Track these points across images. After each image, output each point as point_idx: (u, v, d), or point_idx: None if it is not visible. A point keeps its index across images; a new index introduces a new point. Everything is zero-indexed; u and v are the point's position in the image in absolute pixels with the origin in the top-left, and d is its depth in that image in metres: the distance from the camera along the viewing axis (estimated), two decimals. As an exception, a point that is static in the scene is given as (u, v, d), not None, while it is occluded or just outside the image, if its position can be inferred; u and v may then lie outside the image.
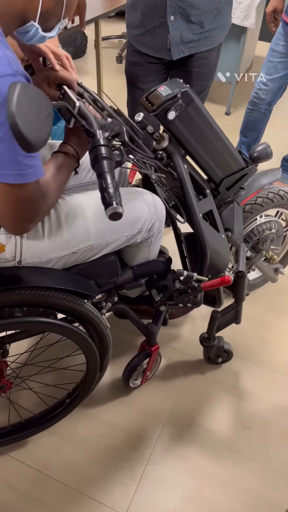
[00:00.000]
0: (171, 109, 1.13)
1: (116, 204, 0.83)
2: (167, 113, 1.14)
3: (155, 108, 1.13)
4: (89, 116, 0.98)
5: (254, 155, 1.38)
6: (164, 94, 1.12)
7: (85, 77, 3.54)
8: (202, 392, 1.63)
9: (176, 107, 1.14)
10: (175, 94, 1.11)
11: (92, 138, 0.93)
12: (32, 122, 0.75)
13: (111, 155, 0.92)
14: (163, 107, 1.12)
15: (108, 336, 1.29)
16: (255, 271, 1.96)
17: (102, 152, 0.91)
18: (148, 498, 1.35)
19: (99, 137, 0.93)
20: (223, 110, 3.34)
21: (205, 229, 1.24)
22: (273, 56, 2.10)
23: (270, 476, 1.43)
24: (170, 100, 1.11)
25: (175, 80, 1.19)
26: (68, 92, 1.03)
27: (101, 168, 0.89)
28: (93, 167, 0.91)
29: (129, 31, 1.79)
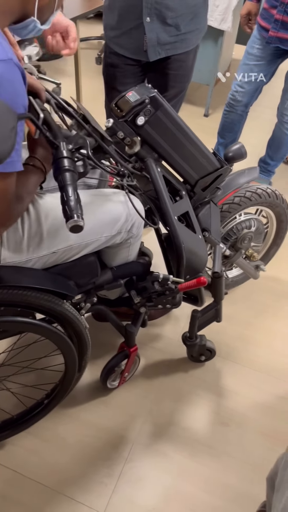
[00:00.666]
0: (140, 114, 1.15)
1: (76, 217, 0.84)
2: (136, 119, 1.15)
3: (124, 114, 1.14)
4: (53, 128, 0.99)
5: (229, 155, 1.41)
6: (132, 99, 1.13)
7: (64, 78, 3.53)
8: (182, 390, 1.65)
9: (145, 112, 1.15)
10: (143, 99, 1.13)
11: (56, 149, 0.94)
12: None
13: (74, 167, 0.93)
14: (132, 113, 1.14)
15: (87, 337, 1.30)
16: (236, 268, 1.99)
17: (64, 165, 0.92)
18: (126, 496, 1.36)
19: (62, 149, 0.94)
20: (201, 112, 3.38)
21: (180, 231, 1.26)
22: (248, 59, 2.14)
23: (248, 472, 1.45)
24: (138, 105, 1.13)
25: (144, 85, 1.20)
26: (33, 103, 1.04)
27: (63, 181, 0.90)
28: (55, 178, 0.92)
29: (106, 33, 1.80)
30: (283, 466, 0.74)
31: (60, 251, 1.13)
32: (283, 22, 1.92)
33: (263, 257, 1.98)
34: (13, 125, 0.81)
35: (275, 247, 1.95)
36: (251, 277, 1.86)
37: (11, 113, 0.81)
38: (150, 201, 1.30)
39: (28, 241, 1.07)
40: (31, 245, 1.07)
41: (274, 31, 1.96)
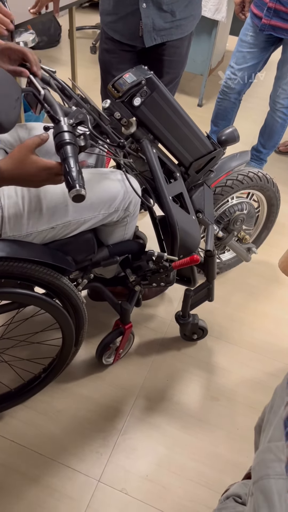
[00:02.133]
0: (136, 95, 1.19)
1: (79, 186, 0.88)
2: (133, 99, 1.19)
3: (121, 94, 1.18)
4: (54, 103, 1.03)
5: (222, 139, 1.45)
6: (129, 81, 1.17)
7: (60, 67, 3.55)
8: (174, 367, 1.71)
9: (141, 94, 1.19)
10: (140, 80, 1.17)
11: (57, 124, 0.98)
12: (2, 105, 0.79)
13: (75, 141, 0.98)
14: (129, 94, 1.18)
15: (84, 311, 1.34)
16: (229, 252, 2.05)
17: (65, 138, 0.96)
18: (121, 465, 1.42)
19: (63, 124, 0.98)
20: (195, 102, 3.41)
21: (174, 211, 1.30)
22: (242, 46, 2.18)
23: (236, 442, 1.51)
24: (135, 86, 1.17)
25: (140, 67, 1.24)
26: (33, 80, 1.07)
27: (65, 153, 0.94)
28: (57, 152, 0.96)
29: (102, 18, 1.83)
30: (268, 409, 0.79)
31: (58, 227, 1.17)
32: (275, 10, 1.96)
33: (254, 241, 2.04)
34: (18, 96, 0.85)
35: (266, 231, 2.00)
36: (243, 260, 1.91)
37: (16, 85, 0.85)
38: (145, 181, 1.34)
39: (28, 216, 1.11)
40: (31, 219, 1.11)
41: (267, 18, 2.00)
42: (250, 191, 1.83)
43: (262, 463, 0.66)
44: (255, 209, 1.88)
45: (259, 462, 0.67)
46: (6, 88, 0.81)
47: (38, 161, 0.93)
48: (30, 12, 1.98)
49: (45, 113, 1.00)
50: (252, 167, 2.54)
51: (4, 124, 0.80)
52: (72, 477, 1.38)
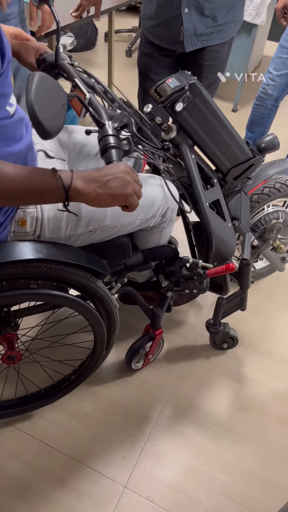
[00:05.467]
0: (179, 100, 1.18)
1: None
2: (175, 105, 1.18)
3: (163, 99, 1.17)
4: (99, 108, 1.03)
5: (262, 146, 1.43)
6: (172, 86, 1.16)
7: (95, 70, 3.58)
8: (203, 375, 1.68)
9: (184, 99, 1.18)
10: (183, 86, 1.16)
11: (102, 128, 0.98)
12: (48, 111, 0.80)
13: (120, 145, 0.97)
14: (171, 99, 1.17)
15: (116, 315, 1.34)
16: (262, 260, 2.01)
17: (110, 142, 0.96)
18: (147, 472, 1.41)
19: (108, 127, 0.98)
20: (230, 107, 3.39)
21: (211, 218, 1.29)
22: (282, 52, 2.15)
23: (265, 456, 1.48)
24: (177, 92, 1.16)
25: (184, 72, 1.23)
26: (79, 84, 1.08)
27: (110, 157, 0.94)
28: (102, 155, 0.96)
29: (143, 22, 1.83)
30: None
31: (96, 231, 1.17)
32: None
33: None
34: (64, 101, 0.85)
35: (301, 240, 1.96)
36: (277, 269, 1.88)
37: (62, 91, 0.86)
38: (183, 187, 1.33)
39: (67, 219, 1.11)
40: (70, 223, 1.12)
41: (309, 25, 1.97)
42: (287, 200, 1.79)
43: None
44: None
45: None
46: (52, 95, 0.81)
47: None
48: (72, 15, 2.01)
49: (90, 117, 1.00)
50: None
51: (50, 131, 0.80)
52: (98, 481, 1.37)
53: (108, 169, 0.90)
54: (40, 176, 0.85)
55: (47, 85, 0.81)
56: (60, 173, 0.86)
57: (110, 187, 0.88)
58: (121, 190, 0.89)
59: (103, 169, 0.90)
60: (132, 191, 0.90)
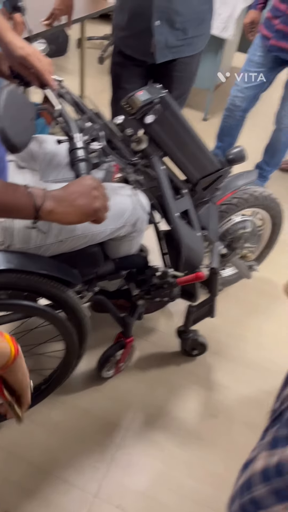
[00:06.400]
0: (149, 113, 1.20)
1: None
2: (145, 117, 1.20)
3: (134, 111, 1.19)
4: (69, 120, 1.04)
5: (230, 157, 1.47)
6: (143, 98, 1.18)
7: (67, 76, 3.57)
8: (173, 382, 1.70)
9: (154, 111, 1.20)
10: (154, 99, 1.18)
11: (72, 140, 0.99)
12: (17, 126, 0.81)
13: (89, 158, 0.99)
14: (142, 111, 1.19)
15: (87, 324, 1.34)
16: (230, 268, 2.05)
17: (79, 155, 0.97)
18: (117, 480, 1.41)
19: (78, 140, 0.99)
20: (201, 116, 3.45)
21: (181, 227, 1.31)
22: (250, 65, 2.21)
23: (233, 461, 1.50)
24: (148, 104, 1.18)
25: (154, 85, 1.25)
26: (49, 95, 1.08)
27: (79, 170, 0.96)
28: (71, 168, 0.97)
29: (115, 33, 1.85)
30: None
31: (67, 241, 1.18)
32: (284, 32, 1.99)
33: (256, 258, 2.05)
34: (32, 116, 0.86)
35: (268, 248, 2.02)
36: (244, 277, 1.92)
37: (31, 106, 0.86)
38: (153, 197, 1.36)
39: (37, 229, 1.11)
40: (40, 233, 1.12)
41: (275, 40, 2.03)
42: (255, 210, 1.84)
43: None
44: (259, 228, 1.89)
45: None
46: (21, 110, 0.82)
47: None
48: (43, 24, 2.01)
49: (61, 129, 1.01)
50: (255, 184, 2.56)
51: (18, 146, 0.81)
52: (68, 491, 1.37)
53: (76, 186, 0.91)
54: (13, 193, 0.84)
55: (16, 100, 0.81)
56: (33, 191, 0.85)
57: (79, 204, 0.89)
58: (89, 206, 0.90)
59: (71, 186, 0.91)
60: (100, 205, 0.91)
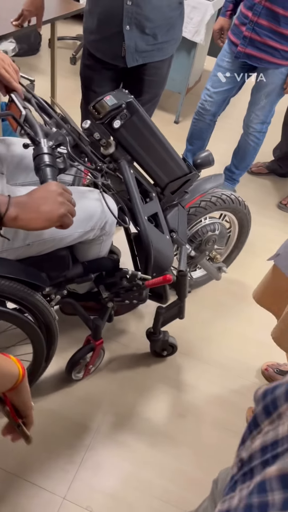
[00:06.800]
0: (116, 118, 1.22)
1: None
2: (113, 122, 1.22)
3: (101, 116, 1.21)
4: (34, 124, 1.05)
5: (198, 162, 1.50)
6: (109, 103, 1.20)
7: (39, 75, 3.54)
8: (143, 383, 1.72)
9: (121, 116, 1.22)
10: (120, 104, 1.20)
11: (37, 146, 1.00)
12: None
13: (54, 163, 0.99)
14: (109, 116, 1.20)
15: (56, 327, 1.35)
16: (200, 270, 2.09)
17: (45, 160, 0.97)
18: (86, 482, 1.42)
19: (43, 146, 0.99)
20: (172, 118, 3.48)
21: (149, 230, 1.33)
22: (218, 70, 2.25)
23: (202, 460, 1.54)
24: (115, 109, 1.20)
25: (121, 90, 1.27)
26: (15, 100, 1.08)
27: (44, 176, 0.96)
28: (36, 173, 0.97)
29: (85, 36, 1.86)
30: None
31: (34, 244, 1.18)
32: (251, 39, 2.04)
33: (225, 260, 2.09)
34: None
35: (237, 250, 2.06)
36: (214, 278, 1.96)
37: None
38: (122, 201, 1.37)
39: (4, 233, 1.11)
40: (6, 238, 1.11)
41: (242, 47, 2.08)
42: (223, 212, 1.88)
43: None
44: (227, 230, 1.93)
45: None
46: None
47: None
48: (13, 24, 1.99)
49: (26, 134, 1.01)
50: (225, 187, 2.61)
51: None
52: (36, 495, 1.36)
53: (41, 192, 0.91)
54: None
55: None
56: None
57: (44, 211, 0.89)
58: (54, 213, 0.90)
59: (36, 192, 0.91)
60: (65, 211, 0.92)
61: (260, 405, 0.59)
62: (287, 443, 0.50)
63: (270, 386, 0.58)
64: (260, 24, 1.98)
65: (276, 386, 0.57)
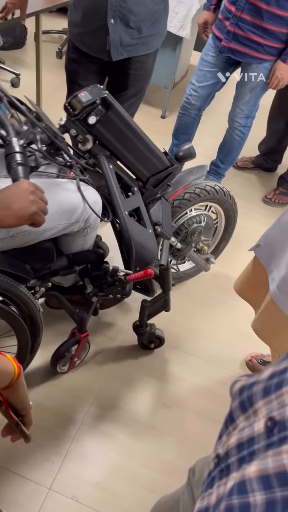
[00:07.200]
0: (92, 114, 1.21)
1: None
2: (88, 118, 1.21)
3: (76, 113, 1.20)
4: (6, 123, 1.05)
5: (179, 155, 1.51)
6: (84, 100, 1.19)
7: (24, 69, 3.52)
8: (129, 375, 1.74)
9: (96, 112, 1.22)
10: (95, 100, 1.19)
11: (8, 145, 1.00)
12: None
13: (26, 161, 0.99)
14: (84, 112, 1.20)
15: (40, 319, 1.35)
16: (189, 262, 2.10)
17: (16, 159, 0.98)
18: (72, 473, 1.43)
19: (14, 144, 1.00)
20: (159, 113, 3.49)
21: (129, 225, 1.33)
22: (203, 65, 2.26)
23: (185, 448, 1.56)
24: (90, 106, 1.19)
25: (96, 86, 1.26)
26: None
27: (16, 174, 0.96)
28: (8, 172, 0.98)
29: (70, 29, 1.85)
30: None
31: (18, 235, 1.18)
32: (234, 34, 2.05)
33: (213, 251, 2.11)
34: None
35: (224, 241, 2.08)
36: (202, 269, 1.97)
37: None
38: (102, 196, 1.37)
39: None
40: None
41: (226, 41, 2.09)
42: (208, 204, 1.89)
43: None
44: (214, 221, 1.95)
45: None
46: None
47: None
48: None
49: None
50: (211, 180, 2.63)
51: None
52: (22, 485, 1.37)
53: (12, 190, 0.92)
54: None
55: None
56: None
57: (15, 208, 0.90)
58: (25, 210, 0.91)
59: (7, 190, 0.92)
60: (37, 209, 0.93)
61: (236, 400, 0.59)
62: (263, 440, 0.49)
63: (247, 383, 0.58)
64: (244, 19, 2.00)
65: (253, 383, 0.56)
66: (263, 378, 0.56)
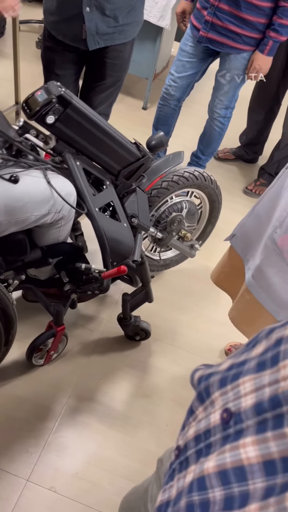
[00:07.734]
0: (49, 113, 1.18)
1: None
2: (46, 118, 1.18)
3: (32, 113, 1.18)
4: None
5: (151, 144, 1.50)
6: (40, 99, 1.16)
7: (3, 60, 3.46)
8: (109, 366, 1.74)
9: (54, 111, 1.19)
10: (50, 99, 1.16)
11: None
12: None
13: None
14: (40, 113, 1.17)
15: (14, 312, 1.34)
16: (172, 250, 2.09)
17: None
18: (50, 464, 1.43)
19: None
20: (140, 104, 3.46)
21: (101, 221, 1.32)
22: (182, 55, 2.25)
23: (165, 437, 1.57)
24: (46, 105, 1.16)
25: (53, 83, 1.22)
26: None
27: None
28: None
29: (45, 17, 1.83)
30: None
31: (-12, 227, 1.17)
32: (212, 23, 2.03)
33: (200, 236, 2.10)
34: None
35: (211, 226, 2.08)
36: (188, 256, 1.97)
37: None
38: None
39: None
40: None
41: (204, 31, 2.08)
42: (190, 190, 1.88)
43: None
44: (197, 206, 1.94)
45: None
46: None
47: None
48: None
49: None
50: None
51: None
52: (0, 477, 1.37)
53: None
54: None
55: None
56: None
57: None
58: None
59: None
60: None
61: (195, 391, 0.57)
62: (219, 433, 0.49)
63: (205, 373, 0.57)
64: (221, 9, 1.99)
65: (211, 374, 0.55)
66: (221, 369, 0.55)
